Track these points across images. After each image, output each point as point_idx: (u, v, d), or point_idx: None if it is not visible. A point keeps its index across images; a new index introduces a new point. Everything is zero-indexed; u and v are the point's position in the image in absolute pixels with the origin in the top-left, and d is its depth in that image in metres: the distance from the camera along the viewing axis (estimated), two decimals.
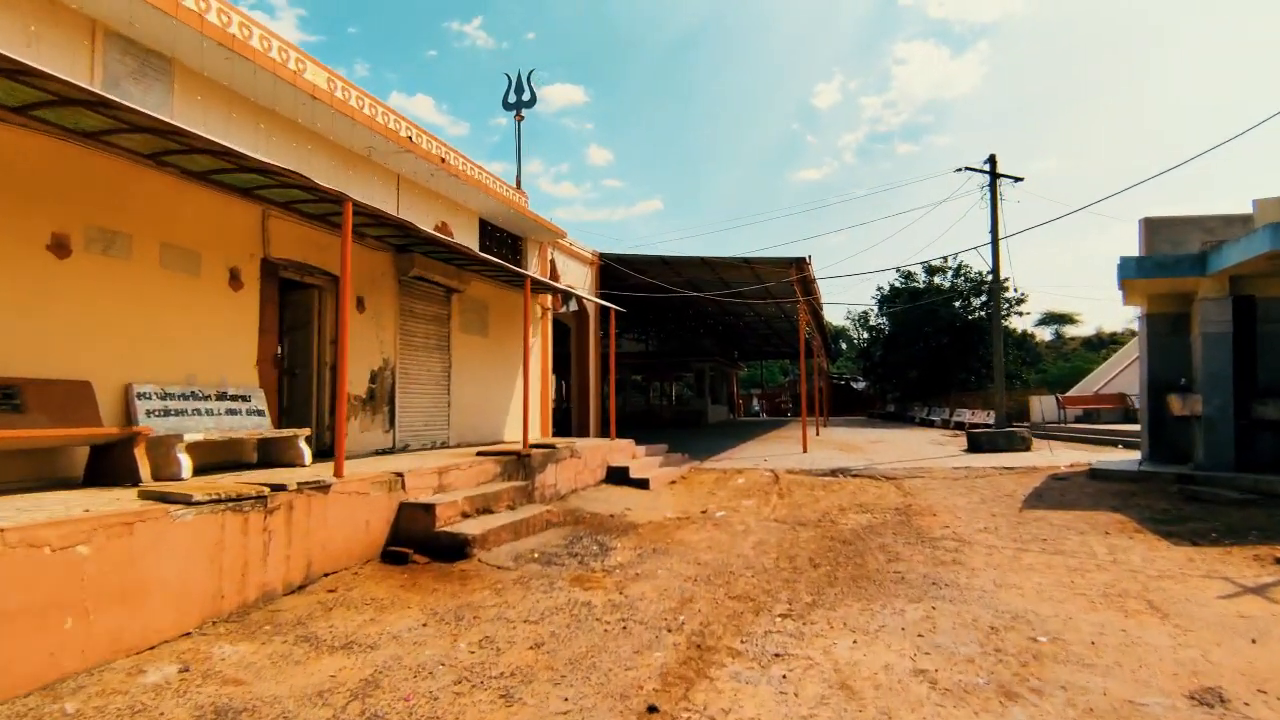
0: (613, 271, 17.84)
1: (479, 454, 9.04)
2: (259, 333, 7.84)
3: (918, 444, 21.14)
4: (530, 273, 11.86)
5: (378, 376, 9.77)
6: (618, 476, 12.16)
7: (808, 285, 17.80)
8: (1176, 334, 12.04)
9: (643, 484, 11.94)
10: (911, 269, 39.83)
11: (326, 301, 9.17)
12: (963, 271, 38.22)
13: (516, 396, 13.74)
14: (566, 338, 17.99)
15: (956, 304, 38.74)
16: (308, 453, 7.46)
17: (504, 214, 12.95)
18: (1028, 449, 16.79)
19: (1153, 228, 12.22)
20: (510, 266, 10.30)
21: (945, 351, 38.13)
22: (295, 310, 9.07)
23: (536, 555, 6.86)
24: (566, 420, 17.78)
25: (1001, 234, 17.66)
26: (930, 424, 33.18)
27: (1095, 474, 11.51)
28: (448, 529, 6.69)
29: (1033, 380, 40.25)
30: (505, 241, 13.70)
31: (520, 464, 9.19)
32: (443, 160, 10.50)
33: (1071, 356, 69.79)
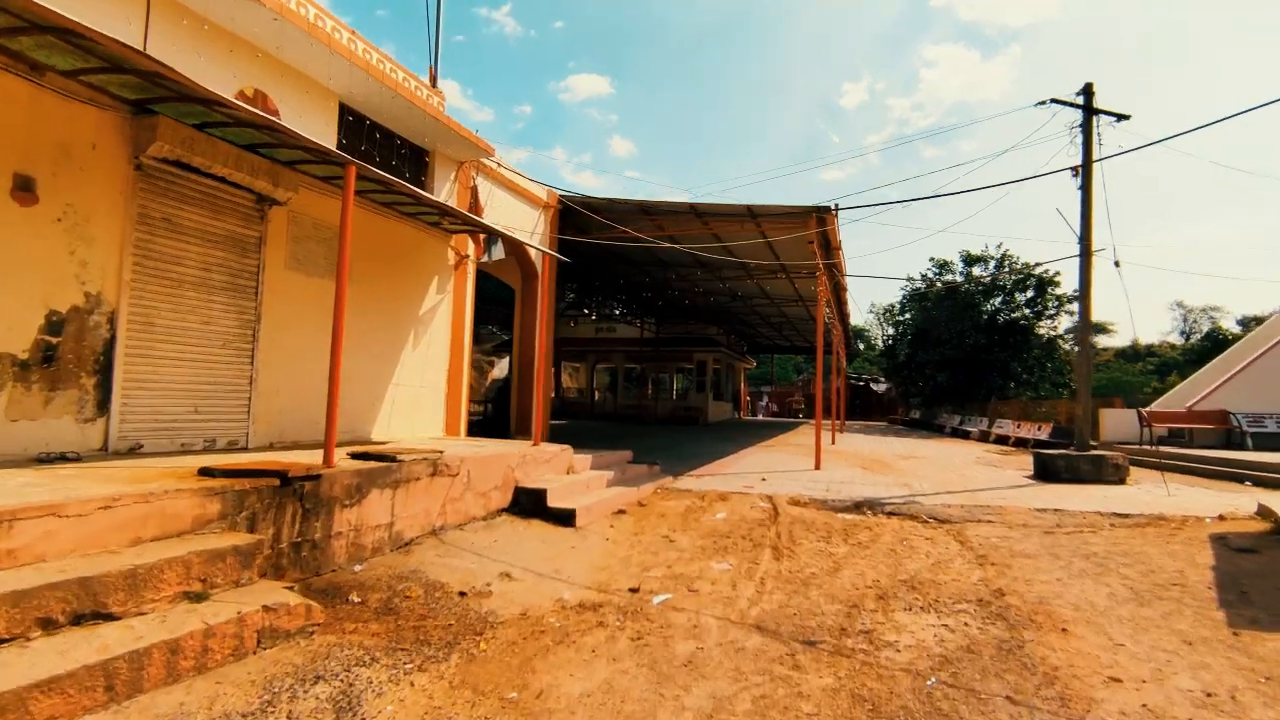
0: (576, 220, 13.53)
1: (204, 472, 4.79)
2: None
3: (960, 462, 16.71)
4: (420, 191, 7.58)
5: (69, 323, 5.55)
6: (529, 505, 7.90)
7: (829, 247, 13.41)
8: None
9: (564, 519, 7.68)
10: (947, 258, 35.16)
11: None
12: (1007, 261, 33.47)
13: (407, 376, 9.48)
14: (509, 304, 13.71)
15: (997, 299, 34.07)
16: None
17: (389, 106, 8.69)
18: (1123, 480, 12.35)
19: None
20: (367, 168, 6.03)
21: (982, 353, 33.49)
22: None
23: None
24: (503, 416, 13.49)
25: (1097, 189, 13.14)
26: (963, 435, 28.66)
27: None
28: None
29: (1066, 393, 35.47)
30: (396, 150, 9.43)
31: (287, 496, 4.94)
32: None
33: (1109, 367, 64.69)
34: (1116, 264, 12.45)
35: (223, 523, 4.39)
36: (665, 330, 35.00)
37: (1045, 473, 12.85)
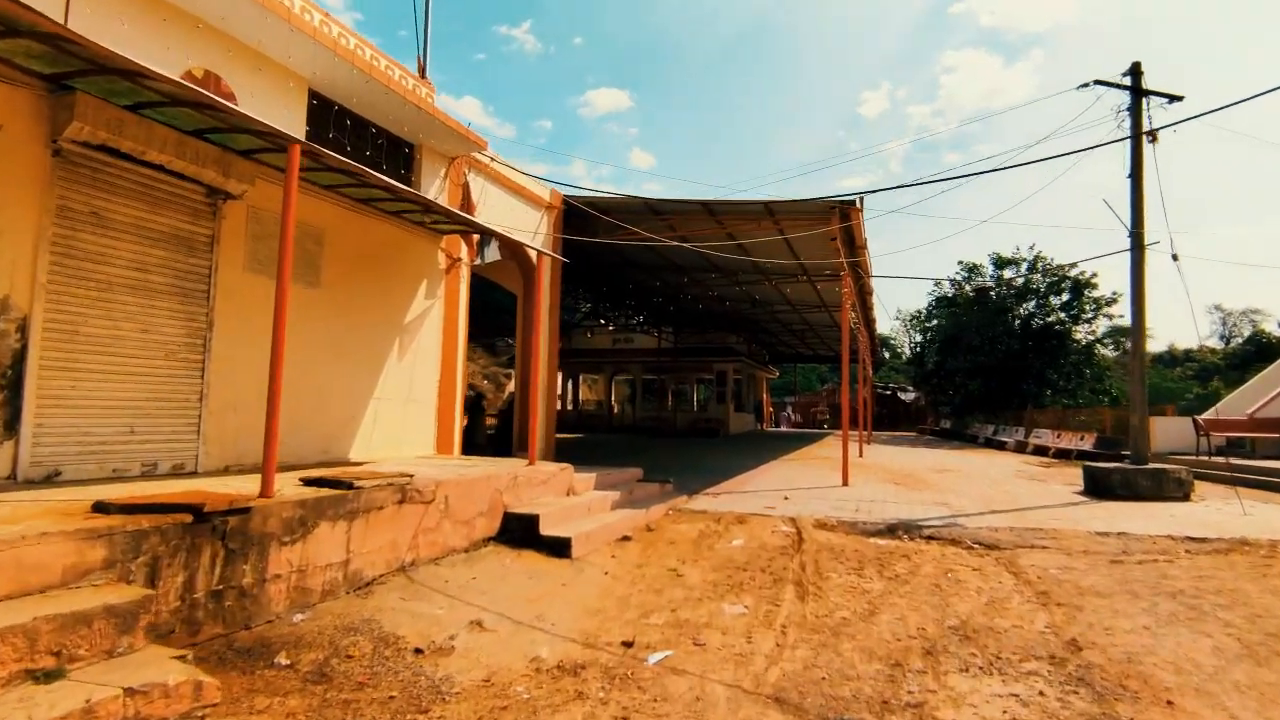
0: (583, 223, 12.69)
1: (97, 508, 3.95)
2: None
3: (1000, 475, 15.51)
4: (392, 181, 6.79)
5: None
6: (520, 533, 7.00)
7: (854, 245, 12.41)
8: None
9: (559, 548, 6.76)
10: (976, 261, 33.79)
11: None
12: (1040, 263, 32.06)
13: (392, 389, 8.67)
14: (508, 311, 12.90)
15: (1030, 303, 32.62)
16: None
17: (366, 95, 7.93)
18: (1187, 497, 11.13)
19: None
20: (319, 149, 5.23)
21: (1015, 359, 32.04)
22: None
23: None
24: (509, 432, 12.64)
25: (1149, 178, 12.00)
26: (998, 445, 27.28)
27: None
28: None
29: (1106, 401, 33.71)
30: (374, 142, 8.67)
31: (203, 535, 4.11)
32: None
33: (1148, 373, 62.33)
34: (1175, 258, 11.30)
35: (109, 572, 3.54)
36: (684, 340, 34.05)
37: (1098, 488, 11.67)
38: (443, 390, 9.52)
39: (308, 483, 5.41)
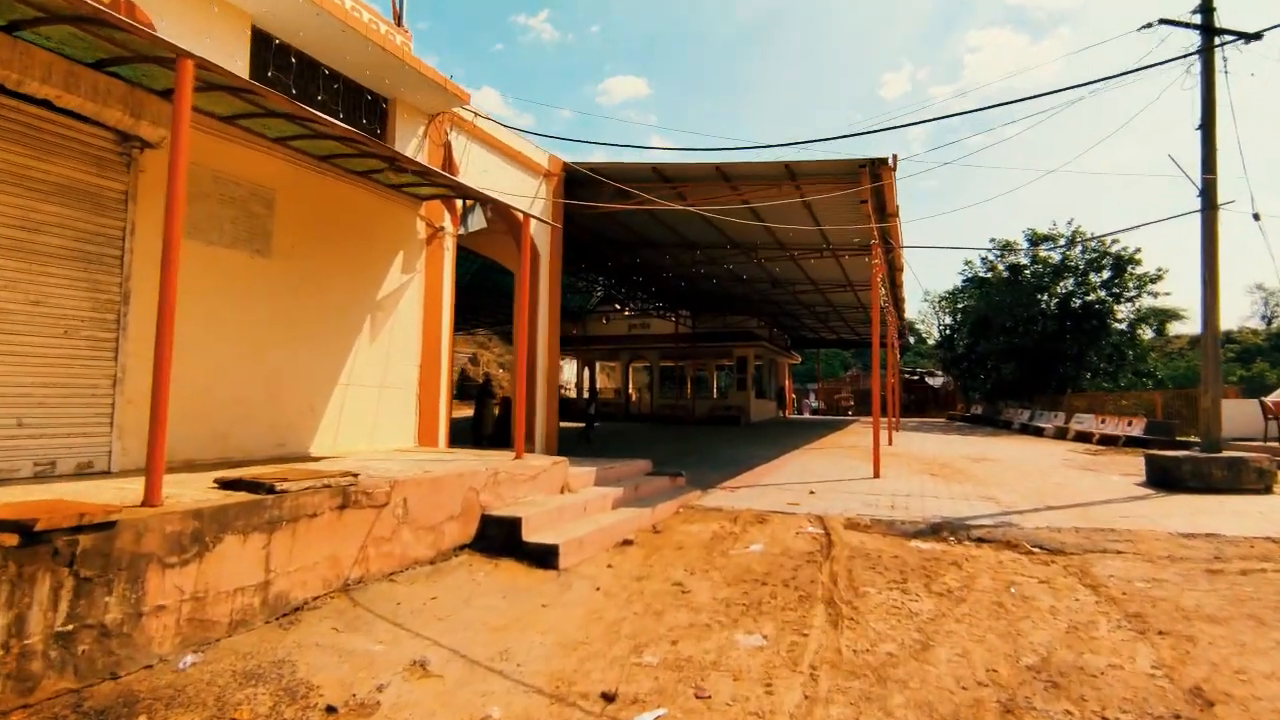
0: (586, 196, 11.56)
1: None
2: None
3: (1046, 465, 14.20)
4: (341, 124, 5.75)
5: None
6: (499, 539, 5.98)
7: (885, 212, 11.15)
8: None
9: (543, 557, 5.73)
10: (1009, 238, 32.09)
11: None
12: (1079, 239, 30.29)
13: (363, 374, 7.69)
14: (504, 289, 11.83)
15: (1069, 281, 30.90)
16: None
17: (332, 38, 6.88)
18: (1269, 489, 9.81)
19: None
20: (219, 68, 4.20)
21: (1052, 341, 30.39)
22: None
23: None
24: (505, 422, 11.62)
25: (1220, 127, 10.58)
26: (1035, 432, 25.78)
27: None
28: None
29: (1150, 384, 31.82)
30: (336, 93, 7.63)
31: (40, 560, 3.13)
32: None
33: (1184, 355, 59.89)
34: (1256, 217, 9.93)
35: None
36: (702, 324, 32.85)
37: (1164, 480, 10.38)
38: (425, 375, 8.51)
39: (224, 485, 4.41)
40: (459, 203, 8.80)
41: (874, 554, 6.49)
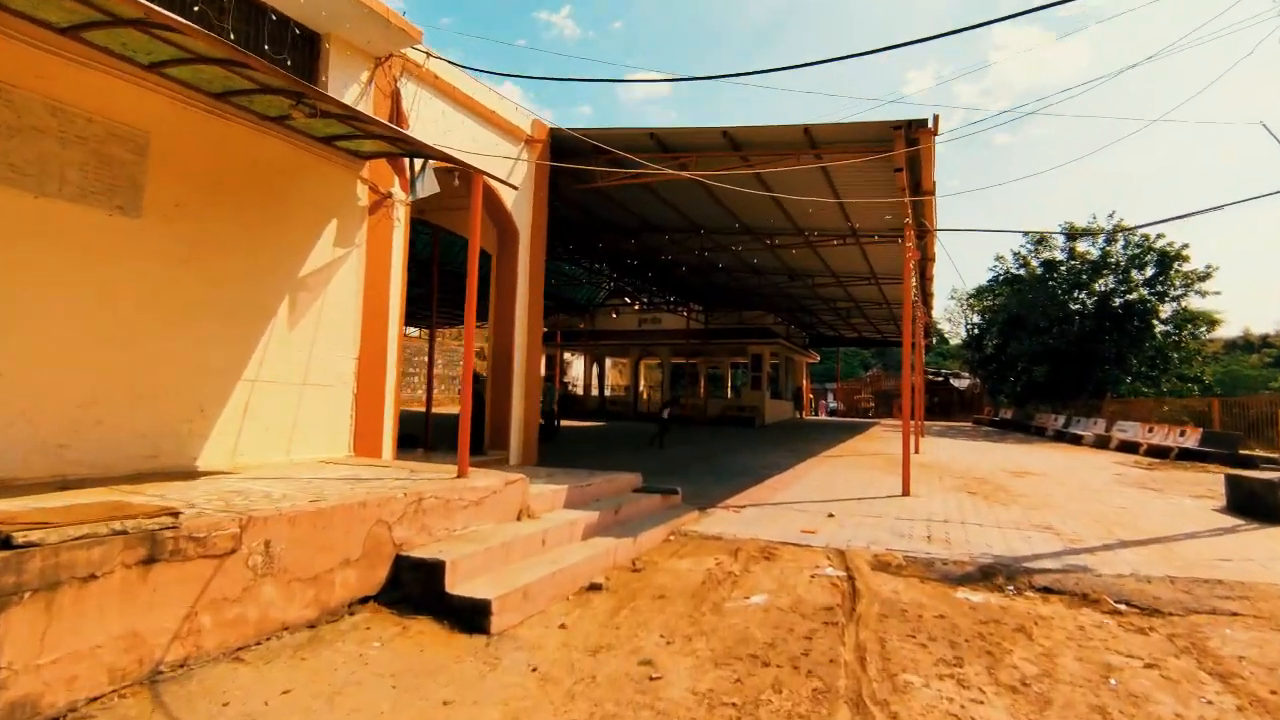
0: (574, 161, 10.06)
1: None
2: None
3: (1097, 481, 12.48)
4: (201, 29, 4.34)
5: None
6: (416, 589, 4.52)
7: (920, 188, 9.52)
8: None
9: (470, 618, 4.27)
10: (1045, 232, 30.13)
11: None
12: (1120, 234, 28.28)
13: (276, 368, 6.26)
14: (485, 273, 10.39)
15: (1109, 278, 28.89)
16: None
17: None
18: None
19: None
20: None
21: (1089, 341, 28.43)
22: None
23: None
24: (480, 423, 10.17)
25: None
26: (1072, 440, 23.90)
27: None
28: None
29: (1196, 389, 29.57)
30: (262, 27, 6.19)
31: None
32: None
33: (1220, 360, 57.22)
34: None
35: None
36: (716, 320, 31.27)
37: (1251, 506, 8.72)
38: (364, 370, 7.07)
39: None
40: (412, 165, 7.34)
41: (912, 612, 4.96)
